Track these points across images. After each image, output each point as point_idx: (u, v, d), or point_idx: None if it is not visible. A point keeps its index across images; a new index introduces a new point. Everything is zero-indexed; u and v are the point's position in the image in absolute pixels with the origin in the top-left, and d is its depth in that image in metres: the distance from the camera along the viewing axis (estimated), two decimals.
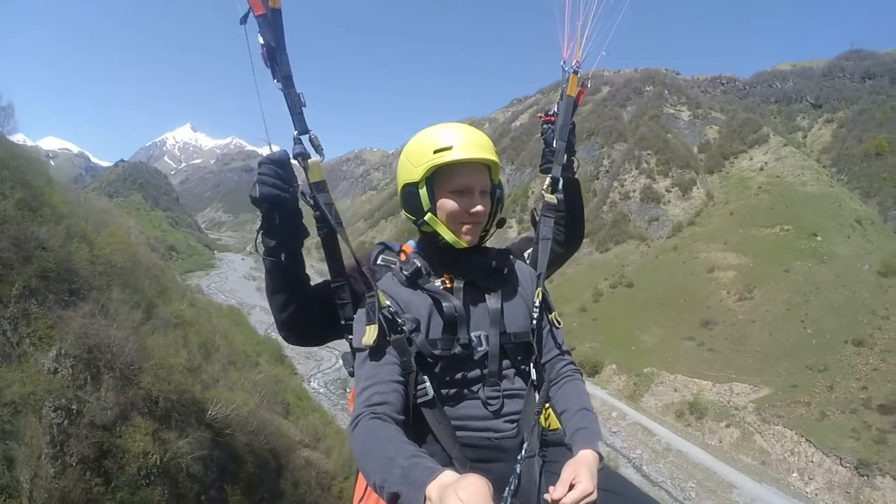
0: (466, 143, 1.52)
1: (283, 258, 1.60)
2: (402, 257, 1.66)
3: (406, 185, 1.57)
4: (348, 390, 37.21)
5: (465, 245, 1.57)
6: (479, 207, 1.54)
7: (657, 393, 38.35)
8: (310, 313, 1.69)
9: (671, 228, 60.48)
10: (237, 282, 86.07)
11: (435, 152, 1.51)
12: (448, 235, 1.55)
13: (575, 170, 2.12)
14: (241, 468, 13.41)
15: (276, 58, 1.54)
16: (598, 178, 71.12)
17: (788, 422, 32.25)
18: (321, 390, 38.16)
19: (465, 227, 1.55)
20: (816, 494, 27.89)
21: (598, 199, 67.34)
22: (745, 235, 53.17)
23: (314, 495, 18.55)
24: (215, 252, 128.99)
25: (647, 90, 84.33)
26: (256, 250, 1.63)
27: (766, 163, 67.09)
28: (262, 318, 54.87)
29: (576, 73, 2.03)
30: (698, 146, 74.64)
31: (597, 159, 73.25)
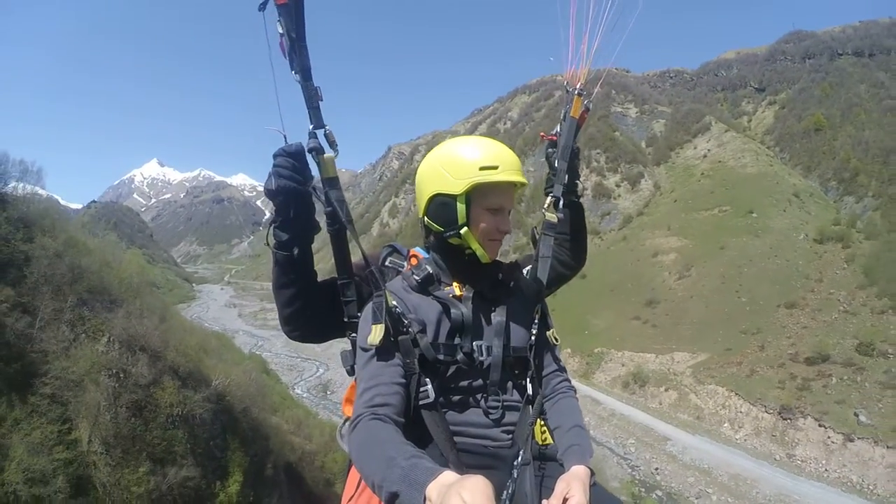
0: (510, 164, 1.58)
1: (295, 252, 1.64)
2: (414, 262, 1.72)
3: (440, 195, 1.61)
4: (328, 393, 42.76)
5: (489, 260, 1.66)
6: (507, 227, 1.64)
7: (607, 369, 44.11)
8: (316, 309, 1.74)
9: (622, 220, 66.81)
10: (219, 310, 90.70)
11: (481, 169, 1.55)
12: (479, 250, 1.62)
13: (579, 193, 2.21)
14: (238, 426, 18.83)
15: (295, 49, 1.55)
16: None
17: (721, 380, 37.52)
18: (304, 395, 43.20)
19: (493, 244, 1.65)
20: (745, 440, 33.02)
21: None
22: (687, 220, 59.74)
23: (297, 458, 23.93)
24: (194, 284, 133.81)
25: (596, 91, 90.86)
26: (267, 244, 1.66)
27: (709, 150, 74.17)
28: (247, 341, 60.02)
29: (580, 94, 2.12)
30: (646, 140, 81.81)
31: (547, 162, 79.71)
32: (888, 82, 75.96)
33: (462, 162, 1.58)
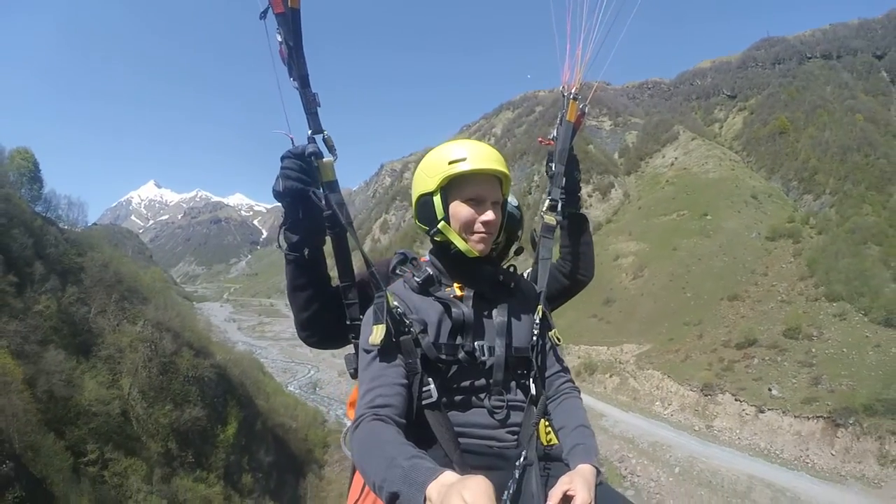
0: (479, 155, 1.65)
1: (306, 253, 1.72)
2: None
3: (421, 196, 1.71)
4: (317, 390, 50.82)
5: (477, 254, 1.68)
6: (490, 216, 1.65)
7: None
8: (332, 313, 1.81)
9: (592, 228, 73.74)
10: (220, 325, 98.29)
11: (449, 163, 1.64)
12: (460, 244, 1.67)
13: (580, 206, 2.37)
14: (235, 390, 26.45)
15: (293, 57, 1.69)
16: (530, 193, 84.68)
17: (658, 366, 43.89)
18: (297, 391, 50.56)
19: (476, 237, 1.68)
20: (672, 415, 39.04)
21: (531, 211, 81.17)
22: (647, 225, 67.14)
23: (284, 431, 31.27)
24: (194, 303, 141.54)
25: (589, 98, 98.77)
26: (279, 247, 1.75)
27: (676, 158, 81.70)
28: (245, 350, 67.40)
29: (575, 99, 2.24)
30: (619, 151, 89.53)
31: (529, 176, 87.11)
32: (852, 82, 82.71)
33: (434, 161, 1.69)
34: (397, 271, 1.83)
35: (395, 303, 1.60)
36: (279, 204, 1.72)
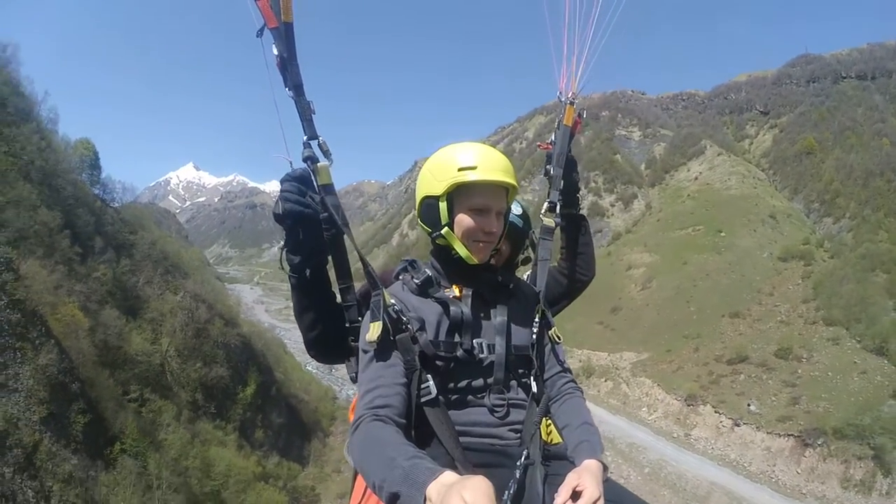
0: (489, 164, 1.69)
1: (308, 274, 1.79)
2: None
3: (426, 198, 1.75)
4: (333, 371, 55.80)
5: (477, 262, 1.74)
6: (494, 227, 1.72)
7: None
8: (338, 332, 1.88)
9: (611, 237, 76.63)
10: (247, 307, 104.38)
11: (459, 170, 1.67)
12: (462, 251, 1.72)
13: (580, 207, 2.45)
14: (257, 359, 31.04)
15: (287, 67, 1.76)
16: None
17: (651, 374, 46.58)
18: (314, 371, 55.17)
19: (478, 245, 1.73)
20: (655, 421, 41.86)
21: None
22: (663, 238, 69.53)
23: (297, 400, 35.76)
24: (225, 284, 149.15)
25: (603, 115, 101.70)
26: (282, 267, 1.81)
27: (700, 173, 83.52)
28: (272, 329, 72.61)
29: (572, 103, 2.33)
30: (646, 163, 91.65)
31: None
32: (883, 105, 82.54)
33: (444, 164, 1.72)
34: (400, 277, 1.87)
35: (392, 301, 1.65)
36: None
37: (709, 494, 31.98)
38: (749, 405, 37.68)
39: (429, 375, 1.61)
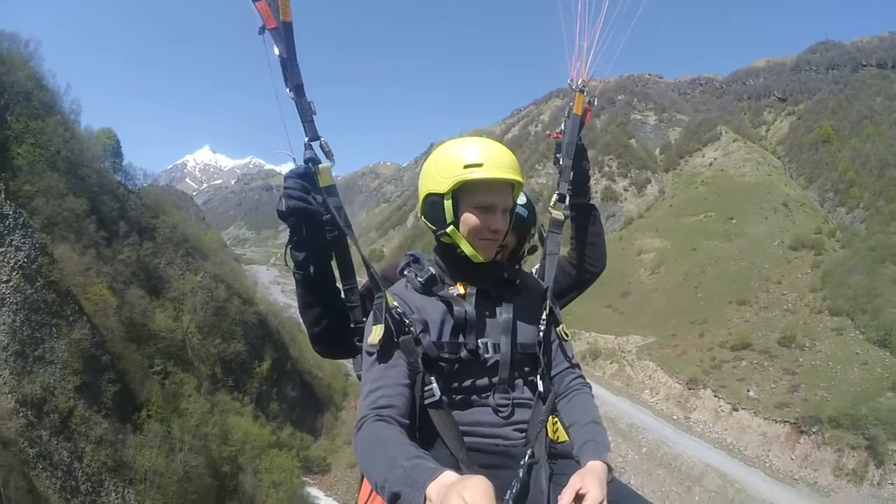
0: (496, 162, 1.68)
1: (312, 270, 1.81)
2: None
3: (430, 195, 1.75)
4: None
5: (483, 259, 1.74)
6: (500, 225, 1.72)
7: (573, 345, 55.77)
8: (343, 326, 1.91)
9: (623, 222, 77.15)
10: (264, 287, 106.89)
11: (465, 167, 1.67)
12: (468, 249, 1.72)
13: (590, 197, 2.43)
14: (273, 336, 32.92)
15: (287, 68, 1.78)
16: None
17: (655, 358, 47.28)
18: None
19: (484, 243, 1.73)
20: (656, 403, 42.78)
21: None
22: (675, 223, 69.98)
23: (311, 375, 37.61)
24: (242, 266, 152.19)
25: (619, 99, 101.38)
26: (286, 264, 1.83)
27: (715, 159, 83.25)
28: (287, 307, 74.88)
29: (582, 91, 2.32)
30: (660, 147, 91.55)
31: None
32: None
33: (449, 161, 1.71)
34: (405, 272, 1.87)
35: (395, 303, 1.65)
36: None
37: (702, 475, 32.91)
38: (748, 391, 38.49)
39: (432, 378, 1.62)
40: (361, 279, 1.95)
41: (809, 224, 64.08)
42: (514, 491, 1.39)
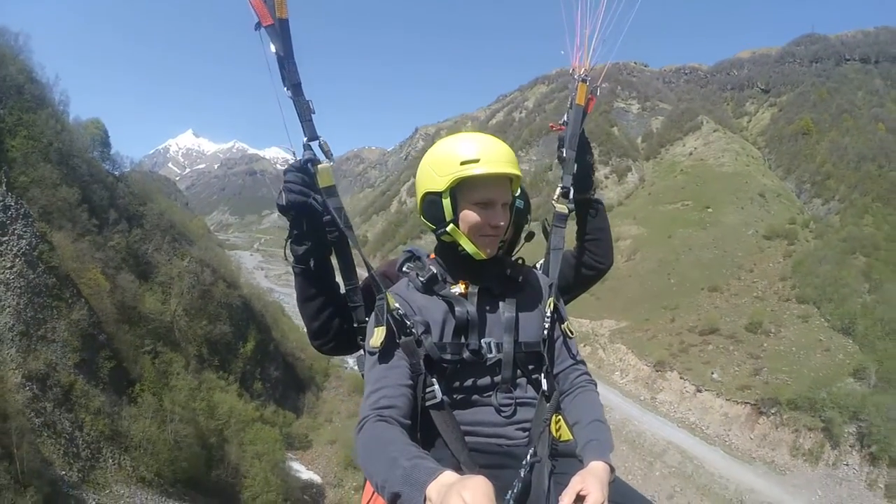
0: (492, 156, 1.68)
1: (312, 264, 1.84)
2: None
3: (428, 194, 1.76)
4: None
5: (485, 256, 1.76)
6: (500, 220, 1.72)
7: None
8: (342, 321, 1.93)
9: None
10: (248, 272, 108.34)
11: (461, 164, 1.67)
12: (469, 247, 1.74)
13: (593, 191, 2.43)
14: (256, 318, 35.00)
15: (285, 66, 1.78)
16: (550, 170, 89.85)
17: (626, 342, 49.34)
18: None
19: (485, 239, 1.74)
20: (625, 385, 44.85)
21: (549, 188, 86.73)
22: (652, 211, 72.44)
23: (293, 357, 39.75)
24: (226, 251, 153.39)
25: (603, 87, 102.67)
26: (286, 258, 1.85)
27: (695, 148, 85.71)
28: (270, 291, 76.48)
29: (584, 81, 2.31)
30: (642, 136, 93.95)
31: (552, 152, 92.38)
32: (883, 90, 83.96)
33: (445, 158, 1.72)
34: (404, 269, 1.89)
35: (396, 304, 1.67)
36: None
37: (664, 452, 35.18)
38: (713, 373, 40.57)
39: (434, 379, 1.65)
40: (362, 273, 1.97)
41: (785, 214, 66.57)
42: (515, 491, 1.41)
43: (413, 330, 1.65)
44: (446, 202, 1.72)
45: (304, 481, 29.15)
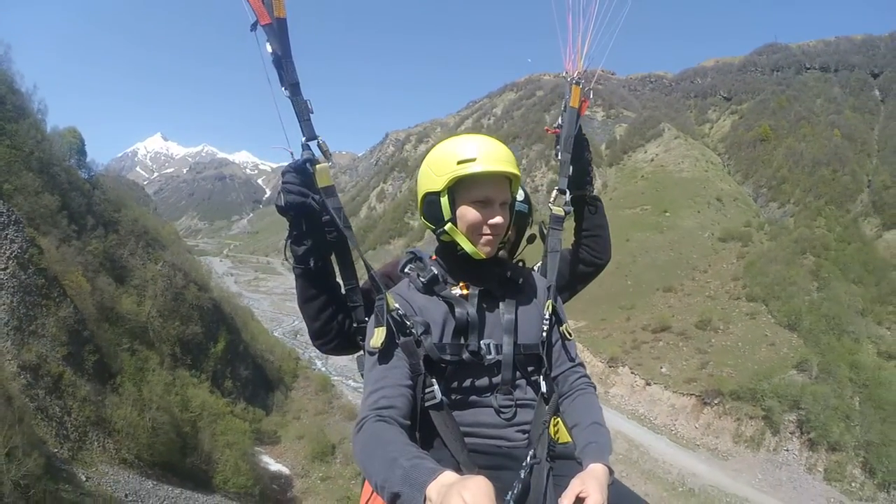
0: (489, 155, 1.73)
1: (312, 265, 1.87)
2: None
3: (427, 194, 1.82)
4: (298, 337, 63.89)
5: (484, 256, 1.80)
6: (498, 219, 1.77)
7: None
8: (343, 320, 1.97)
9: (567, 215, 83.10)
10: (217, 278, 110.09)
11: (458, 163, 1.73)
12: (467, 246, 1.78)
13: (591, 189, 2.49)
14: (226, 320, 38.24)
15: (283, 66, 1.81)
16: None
17: (583, 340, 50.09)
18: (280, 337, 62.21)
19: (484, 239, 1.78)
20: None
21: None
22: (612, 216, 69.80)
23: (262, 358, 42.51)
24: (196, 257, 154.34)
25: (591, 87, 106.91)
26: (286, 259, 1.88)
27: (656, 154, 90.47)
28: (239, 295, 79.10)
29: (578, 84, 2.37)
30: (606, 143, 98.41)
31: (518, 159, 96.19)
32: (841, 98, 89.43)
33: (443, 158, 1.78)
34: (406, 270, 1.93)
35: (396, 305, 1.71)
36: (284, 165, 1.88)
37: (612, 440, 38.62)
38: (661, 368, 43.60)
39: (433, 380, 1.69)
40: (361, 273, 2.00)
41: (741, 218, 70.86)
42: (515, 492, 1.44)
43: (413, 330, 1.71)
44: (444, 201, 1.78)
45: (273, 472, 31.85)
